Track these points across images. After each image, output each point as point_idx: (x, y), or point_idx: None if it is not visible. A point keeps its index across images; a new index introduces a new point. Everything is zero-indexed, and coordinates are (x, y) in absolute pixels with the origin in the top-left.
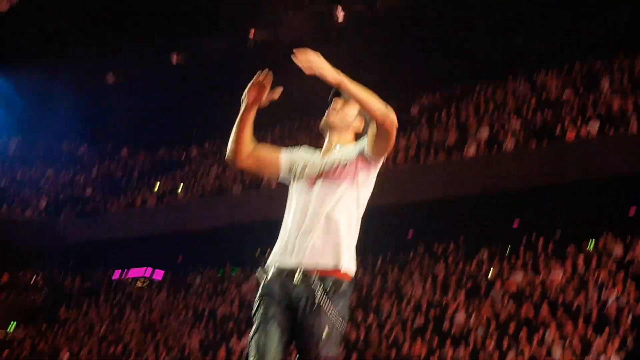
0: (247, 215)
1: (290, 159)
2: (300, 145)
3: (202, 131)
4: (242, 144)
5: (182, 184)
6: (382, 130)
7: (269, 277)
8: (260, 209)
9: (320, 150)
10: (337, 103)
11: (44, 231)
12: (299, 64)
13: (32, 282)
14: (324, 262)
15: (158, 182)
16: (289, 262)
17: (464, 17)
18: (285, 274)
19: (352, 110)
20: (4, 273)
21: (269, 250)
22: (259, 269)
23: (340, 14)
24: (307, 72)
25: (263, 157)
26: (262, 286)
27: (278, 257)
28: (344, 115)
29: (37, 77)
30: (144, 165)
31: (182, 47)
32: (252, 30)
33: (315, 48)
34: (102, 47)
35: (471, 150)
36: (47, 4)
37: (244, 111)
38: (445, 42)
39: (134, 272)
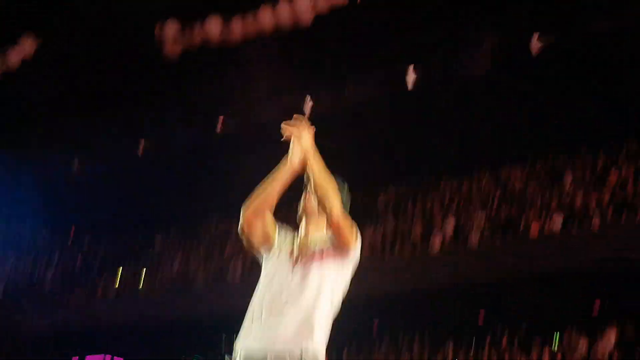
0: (210, 307)
1: (281, 235)
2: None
3: (166, 219)
4: (270, 205)
5: (144, 272)
6: (330, 223)
7: None
8: (225, 301)
9: (298, 234)
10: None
11: (0, 319)
12: (291, 124)
13: None
14: (295, 349)
15: (120, 271)
16: (256, 346)
17: (429, 112)
18: None
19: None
20: None
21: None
22: (226, 356)
23: (309, 106)
24: (287, 132)
25: (268, 226)
26: None
27: (246, 342)
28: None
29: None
30: (106, 253)
31: (149, 135)
32: (221, 119)
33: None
34: (68, 132)
35: (436, 243)
36: (8, 85)
37: (289, 169)
38: (410, 136)
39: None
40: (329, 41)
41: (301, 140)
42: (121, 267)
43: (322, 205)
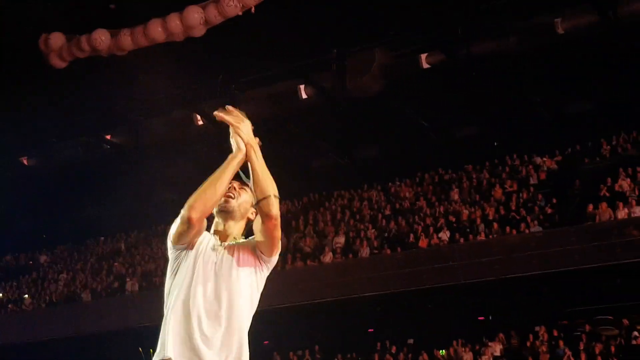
0: (98, 324)
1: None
2: None
3: (52, 236)
4: (218, 199)
5: (28, 291)
6: (267, 222)
7: None
8: (114, 317)
9: (216, 236)
10: (233, 185)
11: None
12: (225, 113)
13: None
14: (231, 357)
15: (3, 290)
16: (198, 356)
17: (322, 126)
18: None
19: (246, 199)
20: None
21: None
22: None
23: (198, 120)
24: (230, 120)
25: (203, 228)
26: None
27: (184, 352)
28: (241, 202)
29: None
30: None
31: (35, 149)
32: (109, 136)
33: (175, 150)
34: None
35: (328, 257)
36: None
37: (241, 161)
38: (302, 150)
39: None
40: (218, 56)
41: (242, 131)
42: (4, 287)
43: (261, 203)
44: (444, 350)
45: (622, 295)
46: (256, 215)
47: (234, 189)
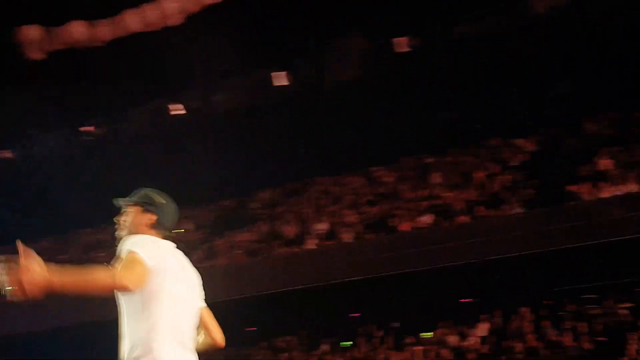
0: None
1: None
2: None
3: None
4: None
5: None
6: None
7: None
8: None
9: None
10: (118, 219)
11: None
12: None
13: None
14: None
15: None
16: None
17: (301, 113)
18: None
19: (131, 216)
20: None
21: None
22: None
23: (176, 110)
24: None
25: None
26: None
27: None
28: (128, 226)
29: None
30: None
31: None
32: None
33: (153, 142)
34: None
35: (310, 242)
36: None
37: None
38: (282, 138)
39: None
40: (196, 45)
41: (33, 285)
42: None
43: (91, 295)
44: (430, 333)
45: (607, 275)
46: (153, 210)
47: (117, 223)
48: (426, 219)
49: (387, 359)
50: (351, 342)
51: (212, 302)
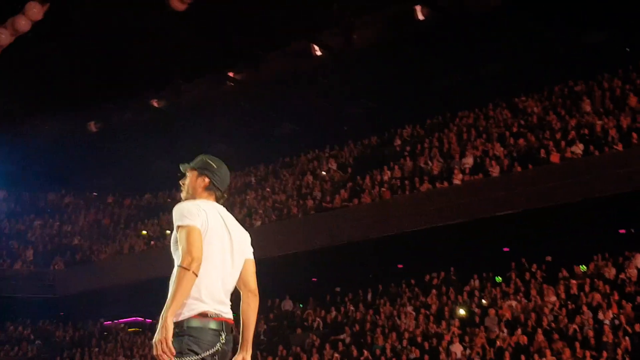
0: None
1: None
2: None
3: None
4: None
5: (169, 227)
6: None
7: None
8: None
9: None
10: (181, 182)
11: (33, 282)
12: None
13: (24, 334)
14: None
15: (145, 228)
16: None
17: (440, 48)
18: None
19: (188, 180)
20: None
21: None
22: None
23: (316, 51)
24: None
25: None
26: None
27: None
28: (186, 188)
29: (21, 129)
30: (129, 211)
31: (164, 91)
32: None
33: (295, 83)
34: (83, 96)
35: (456, 177)
36: (25, 60)
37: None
38: (424, 73)
39: (125, 319)
40: None
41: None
42: (145, 225)
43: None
44: (584, 266)
45: None
46: (206, 174)
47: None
48: (576, 149)
49: (540, 293)
50: (502, 277)
51: (359, 241)
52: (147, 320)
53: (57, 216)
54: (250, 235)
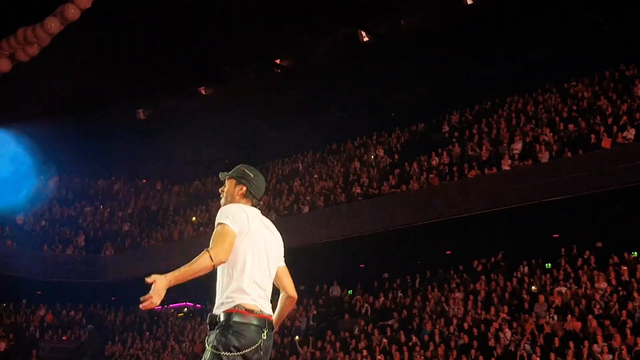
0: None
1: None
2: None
3: (234, 163)
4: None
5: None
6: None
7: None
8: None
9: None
10: (221, 189)
11: (85, 267)
12: (148, 304)
13: (75, 319)
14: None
15: (193, 215)
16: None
17: (489, 33)
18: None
19: (227, 187)
20: (47, 312)
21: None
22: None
23: (364, 37)
24: (155, 302)
25: None
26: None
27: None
28: (225, 195)
29: (71, 118)
30: (178, 198)
31: (208, 80)
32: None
33: (342, 70)
34: (131, 84)
35: (505, 163)
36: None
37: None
38: (472, 59)
39: (175, 304)
40: None
41: (160, 295)
42: (194, 211)
43: (198, 276)
44: (635, 252)
45: None
46: (244, 182)
47: (221, 192)
48: (628, 134)
49: (590, 279)
50: (551, 264)
51: (407, 227)
52: (197, 305)
53: (107, 202)
54: (298, 222)
